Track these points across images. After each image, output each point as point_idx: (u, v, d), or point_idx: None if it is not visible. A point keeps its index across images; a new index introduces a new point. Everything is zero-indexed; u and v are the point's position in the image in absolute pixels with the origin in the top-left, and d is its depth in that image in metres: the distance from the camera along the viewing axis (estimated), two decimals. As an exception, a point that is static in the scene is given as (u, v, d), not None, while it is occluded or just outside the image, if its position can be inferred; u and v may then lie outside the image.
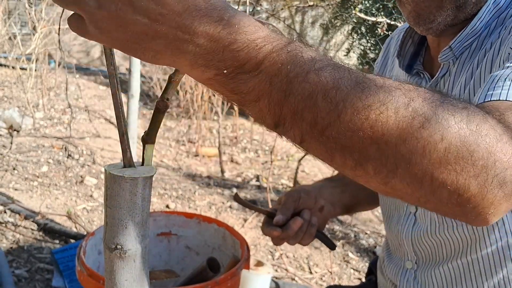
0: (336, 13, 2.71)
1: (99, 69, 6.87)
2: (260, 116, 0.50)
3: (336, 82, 0.48)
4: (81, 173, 3.54)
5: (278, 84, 0.48)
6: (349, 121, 0.47)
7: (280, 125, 0.49)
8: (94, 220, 2.98)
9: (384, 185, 0.51)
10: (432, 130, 0.48)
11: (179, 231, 1.97)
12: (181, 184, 3.66)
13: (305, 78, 0.47)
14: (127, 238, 0.57)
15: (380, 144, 0.48)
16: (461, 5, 0.83)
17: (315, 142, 0.49)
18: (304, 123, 0.48)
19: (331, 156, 0.50)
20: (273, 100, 0.48)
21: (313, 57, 0.49)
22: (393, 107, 0.48)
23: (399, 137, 0.47)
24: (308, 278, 2.65)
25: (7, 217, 2.82)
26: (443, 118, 0.48)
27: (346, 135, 0.48)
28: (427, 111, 0.48)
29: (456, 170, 0.49)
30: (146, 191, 0.56)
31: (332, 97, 0.47)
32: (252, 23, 0.49)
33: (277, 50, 0.48)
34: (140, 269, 0.60)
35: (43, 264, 2.47)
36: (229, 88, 0.49)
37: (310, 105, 0.47)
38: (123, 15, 0.47)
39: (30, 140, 3.98)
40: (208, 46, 0.47)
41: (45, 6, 4.69)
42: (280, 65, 0.48)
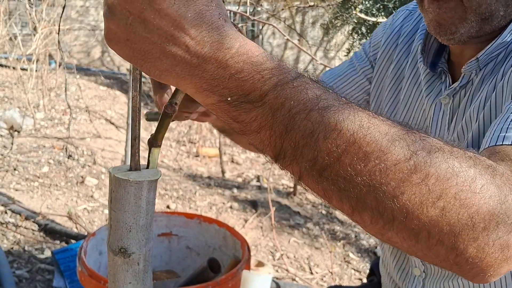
0: (336, 14, 2.71)
1: (100, 69, 6.87)
2: (261, 147, 0.50)
3: (339, 124, 0.47)
4: (81, 173, 3.54)
5: (281, 118, 0.47)
6: (348, 165, 0.47)
7: (280, 158, 0.49)
8: (95, 221, 2.98)
9: (380, 235, 0.50)
10: (431, 187, 0.47)
11: (179, 231, 1.98)
12: (182, 185, 3.67)
13: (307, 116, 0.47)
14: (131, 242, 0.57)
15: (377, 193, 0.47)
16: (487, 18, 0.78)
17: (313, 181, 0.49)
18: (304, 161, 0.48)
19: (328, 197, 0.49)
20: (275, 133, 0.48)
21: (318, 95, 0.48)
22: (394, 158, 0.47)
23: (397, 189, 0.46)
24: (309, 279, 2.65)
25: (8, 217, 2.82)
26: (445, 177, 0.47)
27: (344, 179, 0.47)
28: (429, 168, 0.47)
29: (454, 232, 0.47)
30: (151, 195, 0.56)
31: (333, 139, 0.47)
32: (261, 53, 0.49)
33: (282, 84, 0.48)
34: (144, 272, 0.60)
35: (44, 265, 2.47)
36: (232, 115, 0.49)
37: (311, 143, 0.47)
38: (132, 30, 0.47)
39: (30, 140, 3.98)
40: (215, 73, 0.47)
41: (45, 7, 4.69)
42: (284, 99, 0.47)
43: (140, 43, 0.47)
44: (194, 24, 0.46)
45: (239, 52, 0.48)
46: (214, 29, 0.47)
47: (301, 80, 0.49)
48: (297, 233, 3.11)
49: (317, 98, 0.48)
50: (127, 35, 0.47)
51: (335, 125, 0.47)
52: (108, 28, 0.48)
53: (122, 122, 4.76)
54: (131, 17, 0.46)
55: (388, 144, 0.47)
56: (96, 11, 7.30)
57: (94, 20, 7.32)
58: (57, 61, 5.22)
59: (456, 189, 0.47)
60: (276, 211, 3.17)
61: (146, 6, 0.46)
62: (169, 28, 0.46)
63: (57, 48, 4.77)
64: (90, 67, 7.02)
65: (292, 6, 4.08)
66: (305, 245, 2.99)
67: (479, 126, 0.79)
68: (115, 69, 7.16)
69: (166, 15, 0.46)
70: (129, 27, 0.46)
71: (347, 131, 0.47)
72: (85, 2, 7.21)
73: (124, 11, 0.46)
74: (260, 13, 4.31)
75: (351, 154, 0.46)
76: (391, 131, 0.48)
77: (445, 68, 0.90)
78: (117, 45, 0.48)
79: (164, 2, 0.46)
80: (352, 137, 0.47)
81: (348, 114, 0.48)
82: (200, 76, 0.48)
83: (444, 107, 0.88)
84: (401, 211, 0.47)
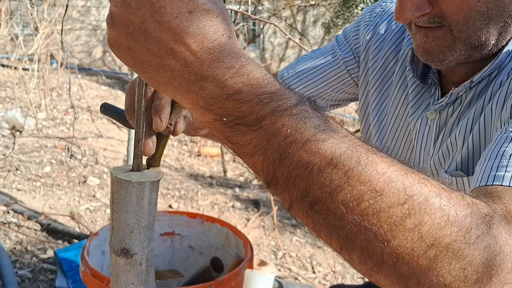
0: (337, 12, 2.70)
1: (101, 69, 6.87)
2: (254, 171, 0.49)
3: (335, 158, 0.45)
4: (84, 173, 3.55)
5: (276, 145, 0.46)
6: (340, 202, 0.45)
7: (272, 185, 0.48)
8: (97, 220, 2.98)
9: (368, 276, 0.48)
10: (424, 235, 0.45)
11: (182, 231, 1.98)
12: (184, 184, 3.67)
13: (303, 146, 0.45)
14: (133, 242, 0.57)
15: (368, 234, 0.45)
16: (477, 47, 0.75)
17: (303, 213, 0.47)
18: (295, 191, 0.46)
19: (317, 231, 0.47)
20: (268, 159, 0.46)
21: (316, 125, 0.46)
22: (388, 201, 0.45)
23: (389, 233, 0.45)
24: (311, 278, 2.65)
25: (10, 217, 2.82)
26: (439, 225, 0.45)
27: (335, 215, 0.45)
28: (423, 215, 0.45)
29: (445, 281, 0.46)
30: (153, 195, 0.56)
31: (328, 173, 0.45)
32: (262, 76, 0.47)
33: (280, 110, 0.46)
34: (146, 272, 0.60)
35: (46, 265, 2.47)
36: (226, 136, 0.48)
37: (304, 175, 0.45)
38: (133, 39, 0.46)
39: (32, 140, 3.99)
40: (212, 91, 0.46)
41: (47, 7, 4.69)
42: (281, 126, 0.46)
43: (140, 53, 0.46)
44: (195, 39, 0.45)
45: (239, 72, 0.46)
46: (216, 46, 0.46)
47: (300, 107, 0.47)
48: (299, 232, 3.11)
49: (315, 128, 0.46)
50: (128, 43, 0.46)
51: (331, 159, 0.45)
52: (110, 34, 0.48)
53: (123, 121, 4.76)
54: (131, 26, 0.46)
55: (384, 185, 0.45)
56: (97, 10, 7.30)
57: (95, 20, 7.32)
58: (58, 61, 5.22)
59: (449, 239, 0.45)
60: (278, 210, 3.17)
61: (148, 17, 0.45)
62: (169, 42, 0.45)
63: (58, 48, 4.78)
64: (92, 67, 7.03)
65: (293, 5, 4.07)
66: (308, 244, 2.99)
67: (468, 151, 0.77)
68: (117, 68, 7.16)
69: (168, 28, 0.45)
70: (130, 36, 0.46)
71: (343, 167, 0.45)
72: (87, 2, 7.21)
73: (125, 20, 0.46)
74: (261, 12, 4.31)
75: (345, 191, 0.45)
76: (389, 170, 0.46)
77: (436, 80, 0.87)
78: (118, 52, 0.48)
79: (166, 14, 0.45)
80: (348, 174, 0.45)
81: (346, 149, 0.46)
82: (197, 93, 0.46)
83: (430, 122, 0.86)
84: (391, 255, 0.45)
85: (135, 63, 0.47)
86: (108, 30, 0.48)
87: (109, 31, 0.48)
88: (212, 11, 0.47)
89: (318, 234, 0.48)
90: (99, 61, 7.37)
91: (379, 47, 0.98)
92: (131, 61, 0.48)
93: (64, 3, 5.16)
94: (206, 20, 0.46)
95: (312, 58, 1.05)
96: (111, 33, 0.47)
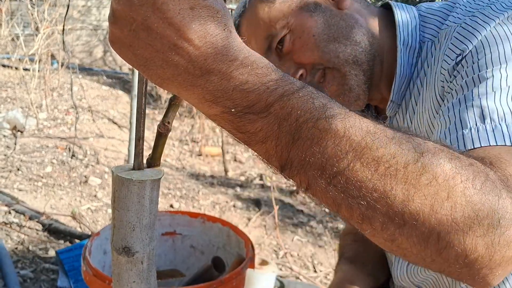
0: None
1: (102, 69, 6.87)
2: (266, 157, 0.50)
3: (347, 130, 0.47)
4: (85, 173, 3.55)
5: (287, 127, 0.47)
6: (358, 171, 0.46)
7: (287, 168, 0.49)
8: (99, 220, 2.99)
9: (390, 242, 0.50)
10: (439, 188, 0.47)
11: (183, 230, 1.98)
12: (185, 184, 3.67)
13: (315, 124, 0.47)
14: (135, 241, 0.57)
15: (389, 198, 0.47)
16: (357, 60, 0.84)
17: (321, 190, 0.48)
18: (312, 169, 0.47)
19: (337, 206, 0.49)
20: (281, 143, 0.48)
21: (324, 104, 0.48)
22: (403, 161, 0.47)
23: (407, 193, 0.47)
24: (313, 277, 2.65)
25: (12, 217, 2.83)
26: (450, 176, 0.48)
27: (355, 186, 0.47)
28: (435, 168, 0.47)
29: (463, 230, 0.48)
30: (154, 194, 0.57)
31: (343, 146, 0.46)
32: (266, 64, 0.49)
33: (288, 94, 0.48)
34: (148, 271, 0.60)
35: (48, 265, 2.48)
36: (235, 126, 0.49)
37: (319, 151, 0.47)
38: (136, 36, 0.46)
39: (34, 140, 3.99)
40: (218, 84, 0.47)
41: (47, 7, 4.70)
42: (290, 109, 0.47)
43: (143, 50, 0.47)
44: (198, 34, 0.46)
45: (243, 63, 0.47)
46: (219, 40, 0.47)
47: (306, 90, 0.49)
48: (301, 232, 3.11)
49: (324, 107, 0.48)
50: (130, 41, 0.47)
51: (344, 132, 0.47)
52: (112, 32, 0.48)
53: (124, 121, 4.77)
54: (134, 23, 0.46)
55: (396, 147, 0.47)
56: (98, 10, 7.30)
57: (96, 19, 7.32)
58: (59, 61, 5.23)
59: (461, 187, 0.48)
60: (280, 210, 3.17)
61: (150, 13, 0.45)
62: (172, 37, 0.46)
63: (59, 48, 4.78)
64: (92, 66, 7.03)
65: (294, 4, 4.07)
66: (309, 243, 2.99)
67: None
68: (117, 68, 7.17)
69: (171, 24, 0.45)
70: (132, 33, 0.46)
71: (356, 137, 0.47)
72: (87, 2, 7.22)
73: (128, 17, 0.46)
74: (262, 11, 4.31)
75: (361, 160, 0.46)
76: (396, 135, 0.48)
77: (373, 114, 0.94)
78: (120, 49, 0.48)
79: (168, 11, 0.45)
80: (362, 143, 0.47)
81: (354, 121, 0.48)
82: (203, 87, 0.47)
83: None
84: (412, 214, 0.47)
85: (137, 60, 0.48)
86: (110, 28, 0.48)
87: (111, 29, 0.48)
88: (212, 7, 0.47)
89: (339, 209, 0.49)
90: (100, 61, 7.38)
91: None
92: (134, 59, 0.48)
93: (65, 3, 5.17)
94: (208, 16, 0.47)
95: None
96: (113, 30, 0.48)
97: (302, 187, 0.50)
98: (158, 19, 0.45)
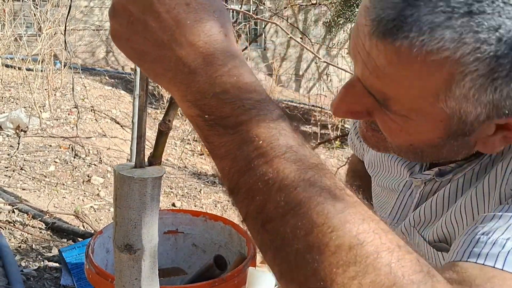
0: (339, 11, 2.71)
1: (104, 69, 6.89)
2: (221, 175, 0.48)
3: (296, 182, 0.43)
4: (88, 172, 3.57)
5: (245, 153, 0.45)
6: (290, 227, 0.42)
7: (234, 193, 0.46)
8: (101, 219, 3.00)
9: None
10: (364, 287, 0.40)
11: (185, 229, 1.99)
12: (187, 183, 3.68)
13: (269, 161, 0.44)
14: (136, 238, 0.58)
15: (308, 269, 0.42)
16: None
17: (254, 229, 0.45)
18: (253, 205, 0.44)
19: (264, 251, 0.46)
20: (235, 166, 0.45)
21: (289, 145, 0.45)
22: (337, 241, 0.41)
23: (329, 274, 0.41)
24: (314, 275, 2.66)
25: (15, 216, 2.84)
26: (382, 282, 0.40)
27: (283, 240, 0.43)
28: (369, 267, 0.41)
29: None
30: (155, 191, 0.58)
31: (285, 195, 0.43)
32: (252, 81, 0.47)
33: (259, 119, 0.45)
34: (150, 268, 0.61)
35: (51, 263, 2.49)
36: (205, 134, 0.47)
37: (264, 190, 0.44)
38: (133, 30, 0.47)
39: (37, 140, 4.01)
40: (202, 87, 0.46)
41: (50, 7, 4.71)
42: (255, 136, 0.45)
43: (139, 44, 0.47)
44: (191, 32, 0.45)
45: (230, 72, 0.46)
46: (212, 41, 0.46)
47: (280, 123, 0.46)
48: (302, 230, 3.12)
49: (287, 147, 0.45)
50: (128, 34, 0.47)
51: (293, 181, 0.43)
52: (112, 26, 0.49)
53: (127, 121, 4.78)
54: (132, 17, 0.46)
55: (338, 223, 0.42)
56: (100, 11, 7.32)
57: (98, 20, 7.34)
58: (62, 61, 5.24)
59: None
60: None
61: (148, 7, 0.46)
62: (165, 33, 0.45)
63: (62, 49, 4.79)
64: (95, 67, 7.04)
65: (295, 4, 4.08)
66: (310, 242, 3.00)
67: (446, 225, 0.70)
68: (120, 68, 7.18)
69: (165, 19, 0.45)
70: (130, 27, 0.47)
71: (303, 192, 0.43)
72: (89, 2, 7.23)
73: (126, 11, 0.47)
74: (263, 11, 4.32)
75: (297, 218, 0.42)
76: (347, 210, 0.42)
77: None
78: (119, 43, 0.49)
79: (164, 5, 0.45)
80: (305, 201, 0.42)
81: (310, 176, 0.44)
82: (188, 86, 0.46)
83: (414, 188, 0.79)
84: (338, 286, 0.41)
85: (135, 54, 0.48)
86: (111, 22, 0.49)
87: (111, 23, 0.48)
88: (209, 5, 0.47)
89: (264, 254, 0.46)
90: (102, 61, 7.39)
91: None
92: (132, 52, 0.48)
93: (67, 4, 5.18)
94: (204, 14, 0.46)
95: None
96: (113, 24, 0.48)
97: (240, 216, 0.47)
98: (154, 13, 0.45)
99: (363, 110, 0.62)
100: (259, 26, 6.80)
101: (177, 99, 0.49)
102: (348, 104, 0.62)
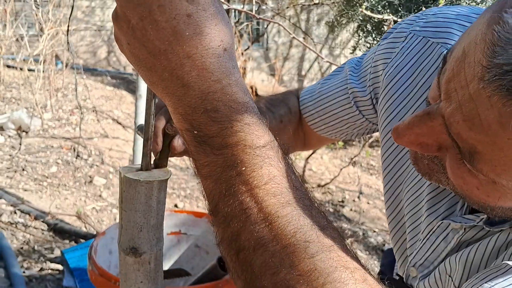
0: (342, 11, 2.70)
1: (106, 69, 6.89)
2: (204, 194, 0.47)
3: (272, 217, 0.42)
4: (90, 173, 3.56)
5: (227, 177, 0.44)
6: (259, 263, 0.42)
7: (214, 215, 0.46)
8: (104, 220, 3.00)
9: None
10: None
11: (188, 230, 1.98)
12: (189, 184, 3.68)
13: (249, 191, 0.43)
14: (142, 241, 0.57)
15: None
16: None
17: (228, 255, 0.45)
18: (229, 231, 0.44)
19: (234, 279, 0.45)
20: (216, 189, 0.45)
21: (272, 176, 0.44)
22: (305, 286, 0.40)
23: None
24: (317, 276, 2.65)
25: (17, 217, 2.84)
26: None
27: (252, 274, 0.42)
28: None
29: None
30: (161, 194, 0.57)
31: (259, 229, 0.42)
32: (245, 102, 0.45)
33: (245, 146, 0.44)
34: (155, 271, 0.60)
35: (53, 264, 2.49)
36: (192, 150, 0.46)
37: (241, 219, 0.43)
38: (133, 35, 0.46)
39: (38, 141, 4.01)
40: (193, 101, 0.45)
41: (52, 7, 4.71)
42: (239, 161, 0.44)
43: (137, 50, 0.46)
44: (189, 43, 0.44)
45: (223, 90, 0.45)
46: (209, 56, 0.45)
47: (266, 151, 0.45)
48: (305, 231, 3.11)
49: (270, 178, 0.44)
50: (128, 39, 0.47)
51: (268, 216, 0.42)
52: (114, 29, 0.49)
53: (129, 121, 4.78)
54: (131, 22, 0.46)
55: (306, 269, 0.40)
56: (101, 11, 7.32)
57: (100, 20, 7.34)
58: (63, 62, 5.24)
59: None
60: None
61: (147, 14, 0.45)
62: (163, 42, 0.45)
63: (63, 49, 4.79)
64: (97, 67, 7.04)
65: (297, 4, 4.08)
66: (313, 242, 2.99)
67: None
68: (121, 69, 7.18)
69: (163, 28, 0.44)
70: (130, 32, 0.46)
71: (277, 229, 0.42)
72: (91, 3, 7.23)
73: (126, 16, 0.46)
74: (265, 11, 4.31)
75: (267, 254, 0.41)
76: (319, 256, 0.41)
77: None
78: (120, 47, 0.49)
79: (164, 14, 0.44)
80: (277, 238, 0.41)
81: (287, 213, 0.42)
82: (180, 99, 0.45)
83: (451, 232, 0.67)
84: None
85: (133, 59, 0.48)
86: (114, 25, 0.49)
87: (114, 26, 0.49)
88: (212, 19, 0.45)
89: (235, 282, 0.45)
90: (104, 61, 7.39)
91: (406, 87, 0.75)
92: (131, 57, 0.48)
93: (69, 4, 5.18)
94: (204, 27, 0.45)
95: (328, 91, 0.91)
96: (115, 28, 0.48)
97: (216, 239, 0.46)
98: (153, 21, 0.45)
99: (433, 144, 0.52)
100: (261, 26, 6.80)
101: (170, 110, 0.48)
102: (417, 135, 0.52)
